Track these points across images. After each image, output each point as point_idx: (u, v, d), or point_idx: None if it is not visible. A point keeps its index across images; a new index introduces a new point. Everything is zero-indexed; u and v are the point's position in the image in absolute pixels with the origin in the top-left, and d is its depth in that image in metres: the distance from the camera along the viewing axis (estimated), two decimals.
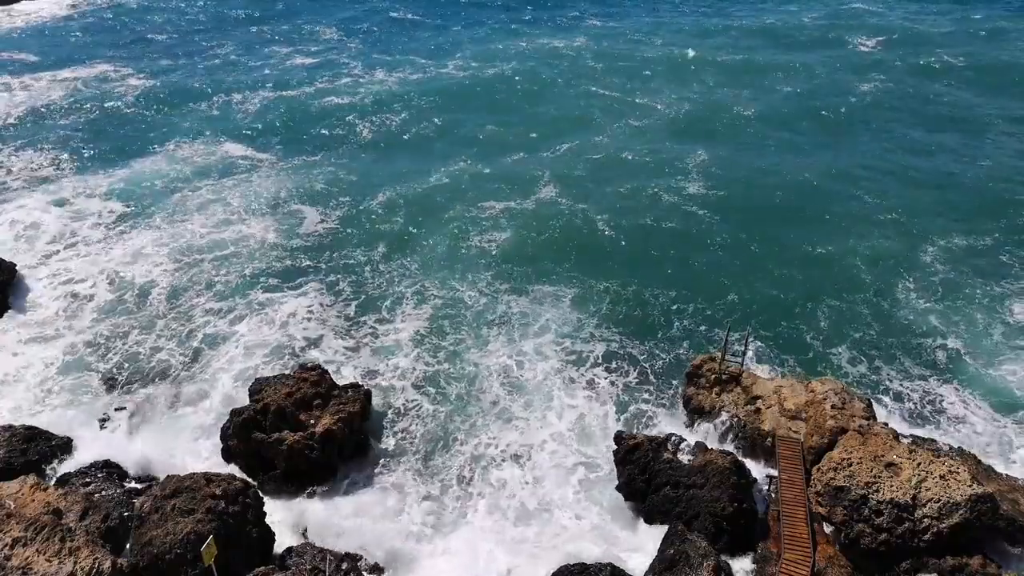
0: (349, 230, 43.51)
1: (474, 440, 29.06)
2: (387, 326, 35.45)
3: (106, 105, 62.14)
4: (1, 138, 55.55)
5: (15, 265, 38.05)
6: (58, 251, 40.90)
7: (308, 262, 40.30)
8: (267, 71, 71.68)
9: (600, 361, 33.03)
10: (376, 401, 30.45)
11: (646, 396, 31.23)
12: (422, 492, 26.79)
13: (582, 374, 32.31)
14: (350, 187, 48.52)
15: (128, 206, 45.70)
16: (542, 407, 30.52)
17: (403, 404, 30.80)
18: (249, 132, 56.72)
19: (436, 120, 59.28)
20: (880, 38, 78.16)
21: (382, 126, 58.04)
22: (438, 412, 30.37)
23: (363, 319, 35.91)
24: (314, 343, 34.14)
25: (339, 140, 55.63)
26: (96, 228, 43.28)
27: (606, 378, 32.09)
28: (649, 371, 32.51)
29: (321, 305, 36.71)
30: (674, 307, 36.49)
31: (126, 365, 32.57)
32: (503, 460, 28.16)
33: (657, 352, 33.60)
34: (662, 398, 31.16)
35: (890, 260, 40.00)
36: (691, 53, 73.82)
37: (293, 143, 55.12)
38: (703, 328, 35.11)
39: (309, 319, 35.67)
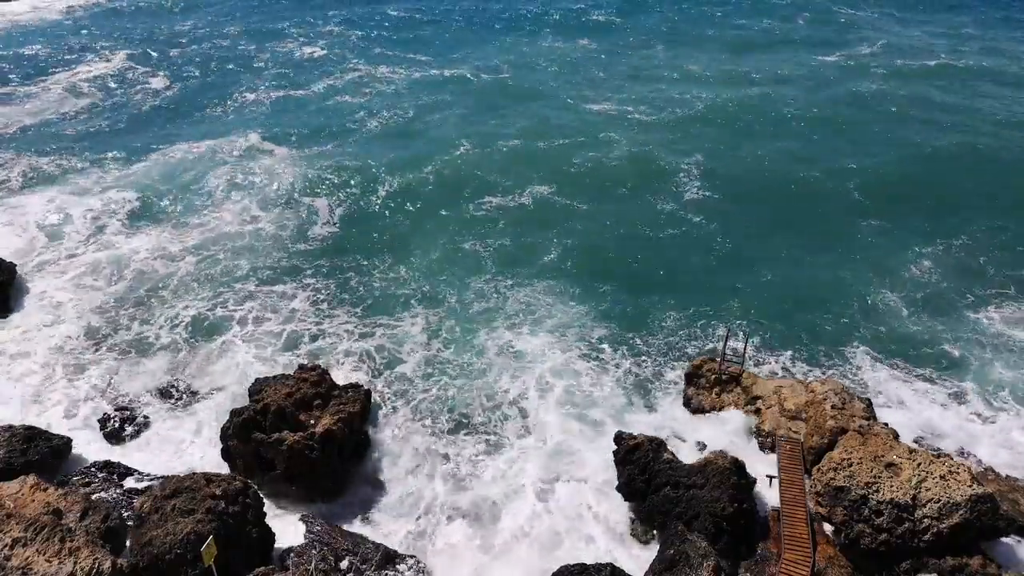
0: (356, 227, 43.87)
1: (475, 433, 29.16)
2: (395, 320, 35.66)
3: (111, 103, 62.23)
4: (7, 136, 55.46)
5: (15, 265, 38.01)
6: (59, 249, 40.78)
7: (315, 259, 40.47)
8: (273, 67, 71.90)
9: (603, 361, 33.00)
10: (382, 393, 30.75)
11: (646, 395, 31.18)
12: (424, 488, 26.78)
13: (583, 373, 32.25)
14: (358, 184, 48.68)
15: (137, 201, 45.77)
16: (544, 403, 30.59)
17: (409, 396, 30.97)
18: (255, 131, 56.49)
19: (437, 120, 59.29)
20: (877, 46, 78.10)
21: (388, 124, 58.43)
22: (441, 404, 30.54)
23: (371, 315, 36.02)
24: (320, 340, 34.19)
25: (348, 138, 55.74)
26: (101, 225, 43.26)
27: (608, 377, 32.04)
28: (649, 371, 32.46)
29: (328, 302, 36.80)
30: (674, 307, 36.45)
31: (128, 364, 32.50)
32: (504, 454, 28.26)
33: (657, 352, 33.59)
34: (662, 398, 31.08)
35: (889, 261, 40.05)
36: (693, 62, 73.84)
37: (302, 141, 55.14)
38: (701, 328, 35.13)
39: (315, 316, 35.72)
